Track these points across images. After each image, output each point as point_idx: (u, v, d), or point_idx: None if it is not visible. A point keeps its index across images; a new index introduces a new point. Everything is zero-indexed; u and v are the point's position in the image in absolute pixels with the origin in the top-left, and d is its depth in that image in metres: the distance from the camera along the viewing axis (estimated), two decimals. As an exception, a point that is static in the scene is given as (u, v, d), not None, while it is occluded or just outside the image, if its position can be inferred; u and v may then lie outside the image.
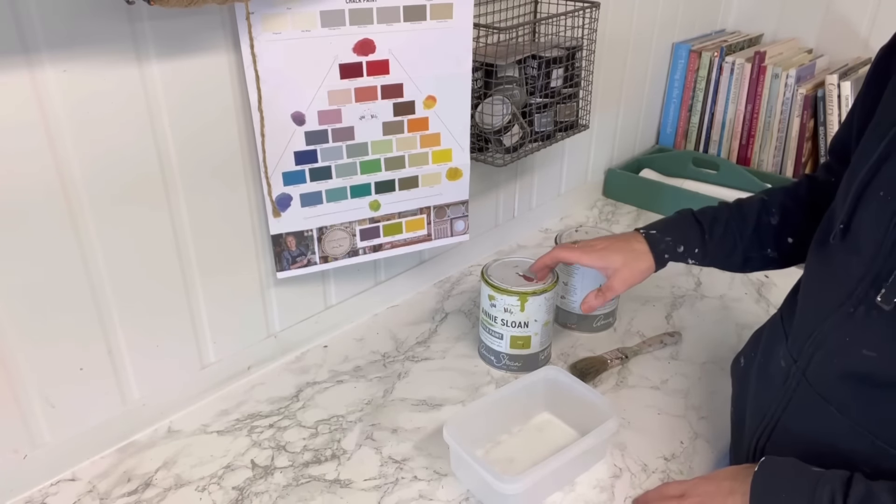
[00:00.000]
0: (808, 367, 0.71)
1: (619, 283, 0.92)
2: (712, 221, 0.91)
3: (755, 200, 0.92)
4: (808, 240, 0.85)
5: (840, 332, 0.67)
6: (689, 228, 0.92)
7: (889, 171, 0.63)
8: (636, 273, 0.92)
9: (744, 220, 0.90)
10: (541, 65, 1.10)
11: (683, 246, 0.91)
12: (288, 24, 0.84)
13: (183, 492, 0.83)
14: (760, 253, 0.90)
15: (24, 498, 0.82)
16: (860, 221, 0.65)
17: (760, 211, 0.90)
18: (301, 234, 0.98)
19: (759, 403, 0.78)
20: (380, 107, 0.95)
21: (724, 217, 0.91)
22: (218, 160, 0.87)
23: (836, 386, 0.68)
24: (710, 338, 1.12)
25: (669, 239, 0.91)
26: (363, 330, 1.14)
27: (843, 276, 0.66)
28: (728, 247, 0.90)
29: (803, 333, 0.72)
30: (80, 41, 0.71)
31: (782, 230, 0.89)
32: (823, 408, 0.69)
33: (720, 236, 0.90)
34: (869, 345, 0.64)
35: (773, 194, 0.92)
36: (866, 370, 0.64)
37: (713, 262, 0.93)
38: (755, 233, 0.90)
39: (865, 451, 0.66)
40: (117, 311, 0.84)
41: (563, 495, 0.84)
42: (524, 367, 1.02)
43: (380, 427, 0.93)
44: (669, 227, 0.93)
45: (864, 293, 0.64)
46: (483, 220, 1.31)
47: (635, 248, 0.92)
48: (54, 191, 0.74)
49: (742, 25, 1.75)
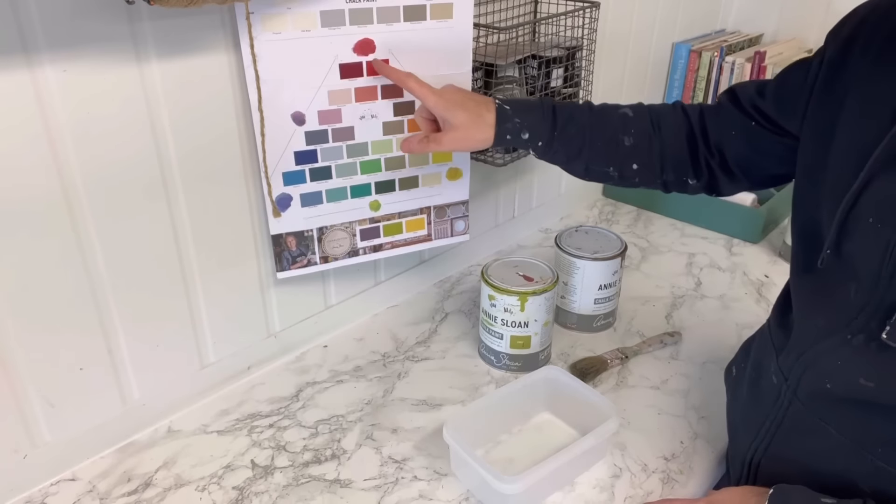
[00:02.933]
0: (797, 386, 0.70)
1: (448, 142, 0.87)
2: (567, 120, 0.86)
3: (618, 114, 0.88)
4: (652, 169, 0.86)
5: (832, 356, 0.66)
6: (542, 119, 0.86)
7: (875, 198, 0.61)
8: (471, 140, 0.87)
9: (600, 130, 0.87)
10: (541, 65, 1.10)
11: (529, 133, 0.86)
12: (288, 24, 0.84)
13: (183, 492, 0.83)
14: (602, 168, 0.88)
15: (24, 498, 0.82)
16: (852, 247, 0.63)
17: (619, 127, 0.87)
18: (301, 234, 0.98)
19: (752, 418, 0.77)
20: (380, 107, 0.95)
21: (581, 121, 0.87)
22: (218, 160, 0.87)
23: (830, 408, 0.68)
24: (710, 338, 1.12)
25: (518, 121, 0.86)
26: (363, 330, 1.14)
27: (840, 302, 0.65)
28: (572, 151, 0.87)
29: (794, 352, 0.71)
30: (80, 41, 0.71)
31: (631, 154, 0.87)
32: (820, 427, 0.68)
33: (568, 138, 0.86)
34: (867, 375, 0.63)
35: (640, 113, 0.88)
36: (863, 397, 0.64)
37: (553, 160, 0.89)
38: (604, 147, 0.87)
39: (865, 470, 0.65)
40: (117, 311, 0.84)
41: (563, 495, 0.84)
42: (524, 367, 1.02)
43: (380, 427, 0.93)
44: (523, 110, 0.87)
45: (865, 323, 0.63)
46: (483, 220, 1.31)
47: (482, 115, 0.86)
48: (54, 191, 0.74)
49: (742, 25, 1.75)
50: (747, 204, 1.40)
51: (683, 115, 0.88)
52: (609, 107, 0.89)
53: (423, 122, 0.91)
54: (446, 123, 0.87)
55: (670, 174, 0.88)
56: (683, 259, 1.35)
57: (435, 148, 0.88)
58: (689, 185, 0.88)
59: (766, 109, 0.79)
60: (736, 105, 0.82)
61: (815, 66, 0.72)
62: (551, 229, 1.45)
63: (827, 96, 0.69)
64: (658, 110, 0.89)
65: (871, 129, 0.62)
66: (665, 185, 0.89)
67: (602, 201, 1.59)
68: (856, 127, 0.65)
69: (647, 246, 1.40)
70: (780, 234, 1.41)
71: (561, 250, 1.10)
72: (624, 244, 1.11)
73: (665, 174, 0.88)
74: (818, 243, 0.67)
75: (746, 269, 1.31)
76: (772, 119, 0.78)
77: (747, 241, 1.41)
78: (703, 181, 0.87)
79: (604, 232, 1.15)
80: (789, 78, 0.76)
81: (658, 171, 0.88)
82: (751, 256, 1.36)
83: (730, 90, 0.84)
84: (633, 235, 1.43)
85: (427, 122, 0.91)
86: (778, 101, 0.77)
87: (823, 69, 0.70)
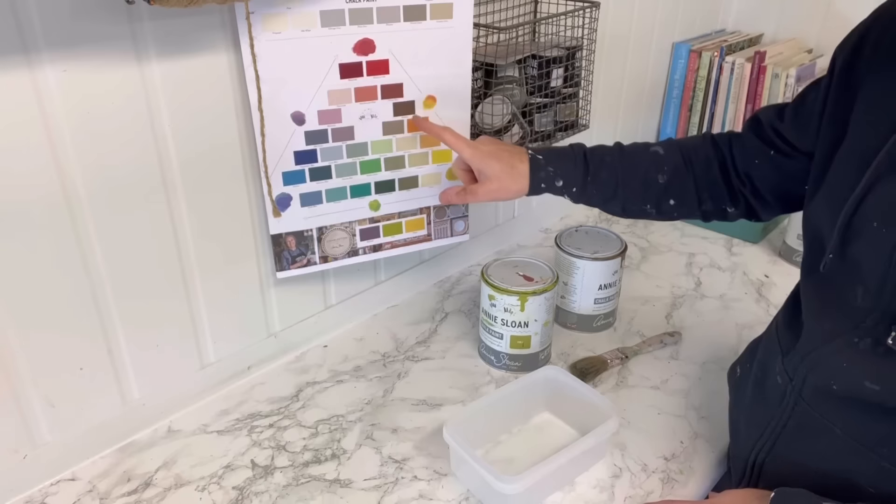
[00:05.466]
0: (802, 387, 0.70)
1: (484, 194, 0.91)
2: (599, 164, 0.88)
3: (649, 153, 0.89)
4: (689, 204, 0.87)
5: (838, 358, 0.66)
6: (574, 166, 0.89)
7: (879, 202, 0.61)
8: (506, 191, 0.90)
9: (632, 171, 0.88)
10: (541, 65, 1.10)
11: (563, 181, 0.89)
12: (288, 24, 0.84)
13: (183, 492, 0.83)
14: (639, 206, 0.90)
15: (24, 498, 0.82)
16: (857, 251, 0.63)
17: (650, 167, 0.88)
18: (301, 233, 0.98)
19: (756, 418, 0.77)
20: (380, 106, 0.95)
21: (613, 164, 0.88)
22: (218, 160, 0.87)
23: (836, 408, 0.68)
24: (710, 338, 1.12)
25: (552, 169, 0.88)
26: (363, 330, 1.14)
27: (846, 305, 0.65)
28: (608, 194, 0.89)
29: (799, 352, 0.71)
30: (80, 41, 0.71)
31: (667, 191, 0.88)
32: (825, 427, 0.68)
33: (602, 182, 0.88)
34: (873, 378, 0.63)
35: (670, 150, 0.89)
36: (869, 399, 0.64)
37: (589, 203, 0.92)
38: (639, 187, 0.88)
39: (870, 471, 0.65)
40: (117, 311, 0.84)
41: (563, 495, 0.84)
42: (524, 367, 1.02)
43: (380, 427, 0.93)
44: (555, 158, 0.89)
45: (872, 327, 0.63)
46: (483, 220, 1.31)
47: (516, 166, 0.89)
48: (54, 190, 0.74)
49: (742, 25, 1.75)
50: (747, 204, 1.40)
51: (713, 146, 0.89)
52: (639, 146, 0.91)
53: (461, 172, 0.96)
54: (481, 175, 0.91)
55: (708, 204, 0.89)
56: (683, 259, 1.35)
57: (471, 200, 0.95)
58: (728, 213, 0.89)
59: (784, 133, 0.80)
60: (757, 134, 0.83)
61: (825, 82, 0.73)
62: (551, 229, 1.45)
63: (838, 109, 0.70)
64: (688, 144, 0.90)
65: (875, 133, 0.62)
66: (705, 216, 0.90)
67: (602, 201, 1.59)
68: (860, 132, 0.65)
69: (647, 246, 1.40)
70: (780, 234, 1.41)
71: (561, 250, 1.10)
72: (624, 244, 1.11)
73: (703, 205, 0.89)
74: (822, 246, 0.67)
75: (746, 269, 1.31)
76: (790, 142, 0.79)
77: (747, 241, 1.41)
78: (742, 209, 0.88)
79: (604, 232, 1.15)
80: (806, 98, 0.78)
81: (696, 203, 0.89)
82: (751, 256, 1.36)
83: (754, 118, 0.85)
84: (633, 235, 1.43)
85: (464, 172, 0.95)
86: (796, 122, 0.79)
87: (834, 83, 0.71)
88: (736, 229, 1.41)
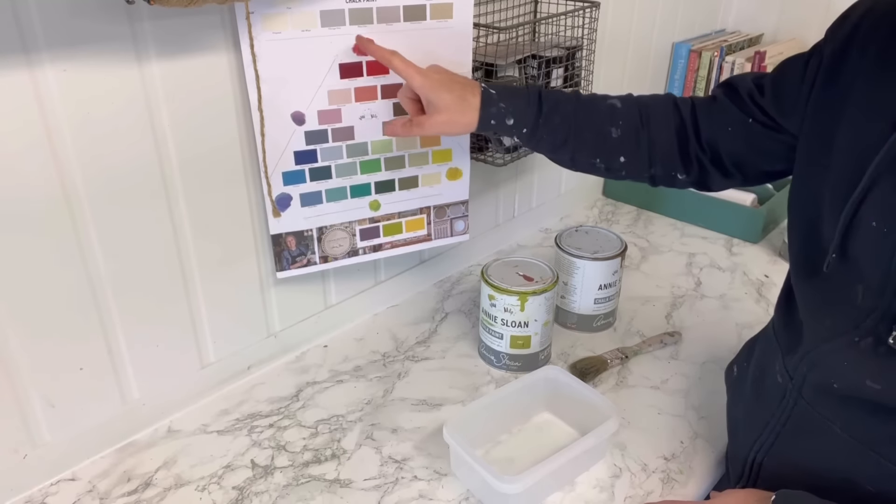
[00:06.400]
0: (802, 386, 0.70)
1: (430, 126, 0.85)
2: (553, 107, 0.84)
3: (606, 105, 0.86)
4: (639, 164, 0.85)
5: (839, 356, 0.66)
6: (527, 105, 0.84)
7: (879, 202, 0.61)
8: (454, 124, 0.84)
9: (586, 120, 0.85)
10: (541, 64, 1.10)
11: (514, 119, 0.84)
12: (288, 24, 0.84)
13: (183, 491, 0.83)
14: (588, 159, 0.87)
15: (24, 497, 0.82)
16: (858, 250, 0.63)
17: (605, 119, 0.85)
18: (301, 233, 0.98)
19: (755, 416, 0.77)
20: (380, 106, 0.95)
21: (567, 110, 0.85)
22: (218, 160, 0.87)
23: (836, 406, 0.68)
24: (710, 338, 1.12)
25: (504, 106, 0.84)
26: (363, 330, 1.14)
27: (847, 305, 0.65)
28: (558, 140, 0.85)
29: (798, 351, 0.71)
30: (80, 41, 0.71)
31: (618, 146, 0.85)
32: (825, 426, 0.68)
33: (554, 126, 0.84)
34: (874, 377, 0.63)
35: (628, 105, 0.86)
36: (870, 398, 0.64)
37: (538, 148, 0.88)
38: (591, 138, 0.85)
39: (870, 470, 0.65)
40: (117, 311, 0.84)
41: (563, 495, 0.84)
42: (524, 367, 1.02)
43: (380, 427, 0.93)
44: (509, 95, 0.85)
45: (874, 327, 0.62)
46: (483, 220, 1.31)
47: (467, 98, 0.84)
48: (54, 191, 0.74)
49: (742, 25, 1.75)
50: (747, 204, 1.40)
51: (674, 108, 0.86)
52: (597, 97, 0.88)
53: (407, 101, 0.89)
54: (430, 106, 0.85)
55: (658, 168, 0.86)
56: (683, 259, 1.35)
57: (418, 132, 0.87)
58: (677, 180, 0.87)
59: (764, 106, 0.77)
60: (734, 100, 0.80)
61: (813, 63, 0.71)
62: (551, 229, 1.45)
63: (827, 95, 0.68)
64: (647, 102, 0.87)
65: (874, 131, 0.62)
66: (653, 179, 0.88)
67: (602, 201, 1.59)
68: (858, 129, 0.64)
69: (647, 246, 1.40)
70: (780, 234, 1.41)
71: (561, 250, 1.10)
72: (624, 244, 1.11)
73: (653, 168, 0.86)
74: (820, 246, 0.67)
75: (746, 269, 1.31)
76: (770, 116, 0.77)
77: (747, 241, 1.41)
78: (693, 176, 0.86)
79: (604, 232, 1.15)
80: (787, 73, 0.75)
81: (646, 164, 0.86)
82: (751, 256, 1.36)
83: (727, 83, 0.83)
84: (633, 235, 1.43)
85: (411, 102, 0.88)
86: (776, 97, 0.76)
87: (823, 66, 0.69)
88: (736, 229, 1.41)
